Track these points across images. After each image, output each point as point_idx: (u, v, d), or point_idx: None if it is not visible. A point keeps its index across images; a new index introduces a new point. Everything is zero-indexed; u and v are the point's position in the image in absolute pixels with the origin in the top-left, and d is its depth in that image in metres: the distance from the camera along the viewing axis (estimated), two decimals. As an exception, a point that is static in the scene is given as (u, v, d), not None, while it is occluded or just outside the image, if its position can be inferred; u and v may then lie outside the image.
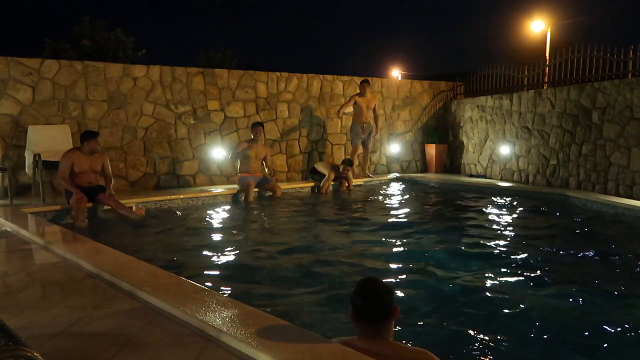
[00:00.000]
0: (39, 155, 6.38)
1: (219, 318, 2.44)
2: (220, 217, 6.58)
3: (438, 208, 7.43)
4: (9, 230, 4.84)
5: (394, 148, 10.51)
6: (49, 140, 6.67)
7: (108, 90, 7.65)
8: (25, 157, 6.74)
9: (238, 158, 7.70)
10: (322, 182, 8.34)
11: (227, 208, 7.03)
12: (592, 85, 7.71)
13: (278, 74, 9.13)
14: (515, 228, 5.99)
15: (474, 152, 10.14)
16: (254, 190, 7.53)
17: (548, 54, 17.83)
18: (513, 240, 5.30)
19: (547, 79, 9.20)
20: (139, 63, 8.56)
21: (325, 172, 8.38)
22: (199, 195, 7.32)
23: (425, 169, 10.84)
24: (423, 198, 8.25)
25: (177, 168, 8.24)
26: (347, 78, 9.88)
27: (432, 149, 10.55)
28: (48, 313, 2.67)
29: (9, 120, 6.99)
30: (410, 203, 7.84)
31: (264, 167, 7.85)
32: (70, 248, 3.95)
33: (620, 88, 7.23)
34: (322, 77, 9.61)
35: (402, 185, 9.45)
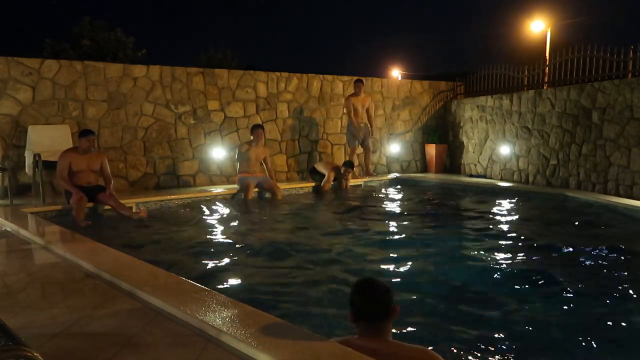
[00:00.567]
0: (39, 155, 6.38)
1: (219, 318, 2.45)
2: (220, 217, 6.58)
3: (438, 208, 7.43)
4: (9, 230, 4.85)
5: (394, 148, 10.50)
6: (49, 140, 6.68)
7: (108, 90, 7.65)
8: (25, 157, 6.75)
9: (238, 158, 7.71)
10: (322, 182, 8.35)
11: (227, 208, 7.03)
12: (592, 85, 7.71)
13: (278, 74, 9.13)
14: (515, 228, 5.99)
15: (474, 152, 10.14)
16: (254, 191, 7.54)
17: (548, 54, 17.83)
18: (513, 240, 5.30)
19: (547, 79, 9.20)
20: (139, 63, 8.56)
21: (325, 172, 8.38)
22: (199, 195, 7.33)
23: (425, 169, 10.84)
24: (423, 198, 8.24)
25: (177, 168, 8.24)
26: (347, 78, 9.88)
27: (432, 149, 10.55)
28: (48, 313, 2.68)
29: (9, 120, 6.99)
30: (410, 203, 7.84)
31: (264, 168, 7.85)
32: (70, 248, 3.95)
33: (620, 88, 7.23)
34: (322, 77, 9.61)
35: (402, 186, 9.44)
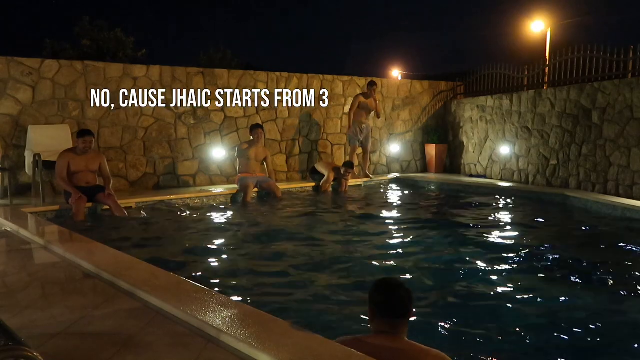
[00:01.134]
0: (39, 155, 6.38)
1: (219, 318, 2.44)
2: (220, 217, 6.57)
3: (438, 208, 7.43)
4: (9, 230, 4.84)
5: (394, 148, 10.50)
6: (49, 140, 6.67)
7: (110, 90, 7.64)
8: (25, 157, 6.75)
9: (238, 158, 7.71)
10: (322, 182, 8.35)
11: (226, 208, 7.03)
12: (592, 86, 7.71)
13: (278, 74, 9.13)
14: (515, 228, 5.99)
15: (474, 152, 10.14)
16: (254, 191, 7.54)
17: (548, 54, 17.85)
18: (513, 240, 5.30)
19: (547, 79, 9.19)
20: (139, 63, 8.55)
21: (325, 172, 8.38)
22: (199, 195, 7.33)
23: (425, 169, 10.83)
24: (423, 198, 8.25)
25: (177, 168, 8.24)
26: (347, 78, 9.88)
27: (432, 149, 10.55)
28: (48, 313, 2.67)
29: (9, 120, 6.99)
30: (411, 203, 7.84)
31: (264, 168, 7.85)
32: (70, 248, 3.94)
33: (620, 88, 7.23)
34: (322, 77, 9.61)
35: (402, 186, 9.45)
